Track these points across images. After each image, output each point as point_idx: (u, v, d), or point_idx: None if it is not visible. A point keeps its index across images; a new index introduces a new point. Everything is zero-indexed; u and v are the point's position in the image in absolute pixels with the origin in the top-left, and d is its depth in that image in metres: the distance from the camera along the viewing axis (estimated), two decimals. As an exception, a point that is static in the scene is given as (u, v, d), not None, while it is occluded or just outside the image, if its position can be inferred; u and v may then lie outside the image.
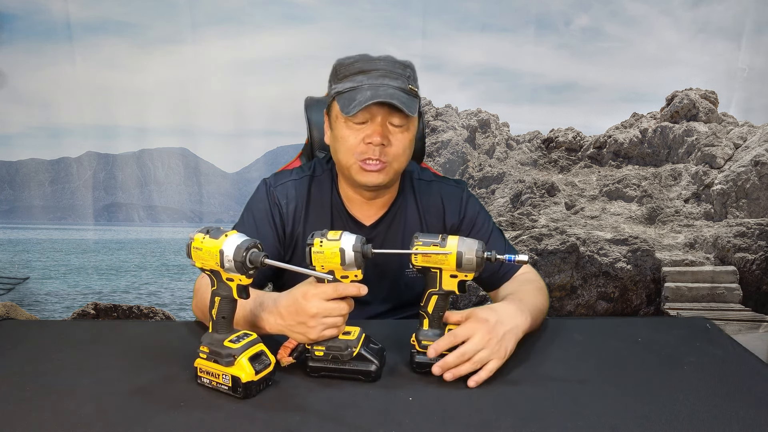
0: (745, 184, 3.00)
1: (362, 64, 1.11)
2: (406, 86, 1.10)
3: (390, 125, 1.10)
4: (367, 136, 1.09)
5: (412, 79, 1.13)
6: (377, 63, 1.11)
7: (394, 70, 1.10)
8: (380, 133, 1.08)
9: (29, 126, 2.72)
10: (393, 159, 1.12)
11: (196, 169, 2.86)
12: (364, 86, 1.07)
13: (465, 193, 1.30)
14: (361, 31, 2.61)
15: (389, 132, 1.10)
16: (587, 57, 2.78)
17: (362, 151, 1.10)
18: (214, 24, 2.57)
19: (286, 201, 1.23)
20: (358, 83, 1.08)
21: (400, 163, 1.14)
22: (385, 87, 1.07)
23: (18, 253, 2.95)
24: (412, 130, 1.14)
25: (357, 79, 1.09)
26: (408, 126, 1.12)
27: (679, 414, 0.80)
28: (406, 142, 1.12)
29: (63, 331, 1.14)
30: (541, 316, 1.12)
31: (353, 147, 1.11)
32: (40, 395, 0.85)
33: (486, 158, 3.18)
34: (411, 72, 1.13)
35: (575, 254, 3.03)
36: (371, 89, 1.06)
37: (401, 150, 1.12)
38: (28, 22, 2.54)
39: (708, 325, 1.16)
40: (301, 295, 0.89)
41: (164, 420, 0.78)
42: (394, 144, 1.10)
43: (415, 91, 1.11)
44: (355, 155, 1.11)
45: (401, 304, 1.29)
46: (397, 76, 1.10)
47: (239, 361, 0.84)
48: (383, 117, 1.09)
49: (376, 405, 0.83)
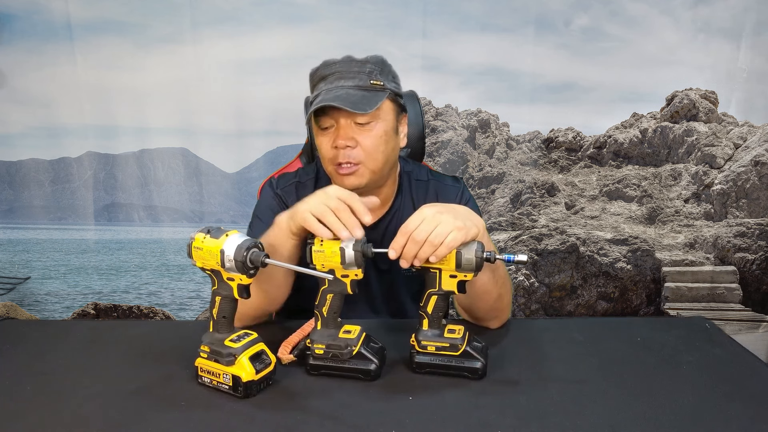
0: (745, 184, 3.00)
1: (322, 70, 1.12)
2: (366, 82, 1.09)
3: (356, 125, 1.10)
4: (332, 141, 1.10)
5: (375, 74, 1.10)
6: (334, 66, 1.11)
7: (350, 69, 1.10)
8: (342, 135, 1.09)
9: (29, 126, 2.72)
10: (365, 158, 1.11)
11: (196, 169, 2.86)
12: (322, 92, 1.09)
13: (462, 191, 1.30)
14: (361, 31, 2.62)
15: (355, 133, 1.10)
16: (587, 57, 2.78)
17: (333, 156, 1.11)
18: (214, 24, 2.57)
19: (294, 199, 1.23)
20: (319, 90, 1.10)
21: (376, 161, 1.12)
22: (336, 89, 1.07)
23: (18, 253, 2.95)
24: (381, 125, 1.11)
25: (319, 87, 1.11)
26: (375, 122, 1.11)
27: (679, 414, 0.80)
28: (376, 139, 1.11)
29: (63, 331, 1.14)
30: (503, 277, 1.10)
31: (327, 154, 1.12)
32: (40, 395, 0.85)
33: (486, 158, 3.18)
34: (372, 66, 1.11)
35: (575, 254, 3.03)
36: (325, 94, 1.07)
37: (371, 148, 1.11)
38: (28, 22, 2.54)
39: (708, 325, 1.16)
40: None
41: (164, 419, 0.78)
42: (362, 143, 1.10)
43: (380, 85, 1.10)
44: (330, 161, 1.12)
45: (398, 301, 1.29)
46: (354, 75, 1.09)
47: (240, 360, 0.84)
48: (345, 119, 1.09)
49: (376, 404, 0.83)
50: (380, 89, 1.10)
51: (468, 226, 0.87)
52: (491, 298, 1.08)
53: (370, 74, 1.10)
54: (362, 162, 1.11)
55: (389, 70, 1.15)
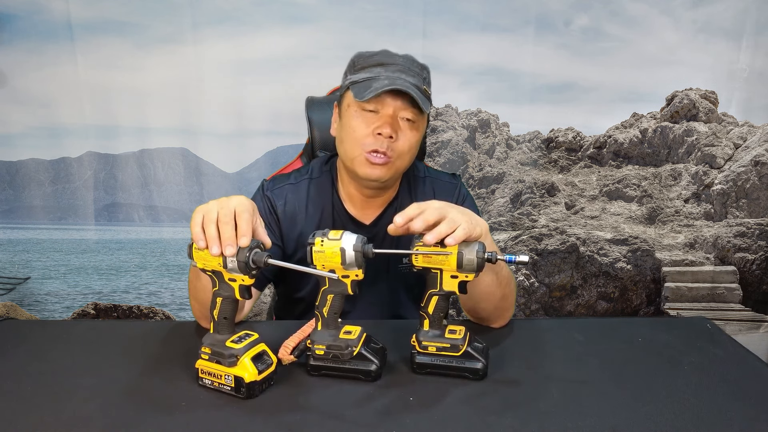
0: (745, 184, 3.00)
1: (382, 57, 1.11)
2: (421, 85, 1.10)
3: (401, 120, 1.10)
4: (377, 127, 1.08)
5: (427, 82, 1.13)
6: (397, 58, 1.11)
7: (412, 68, 1.11)
8: (390, 124, 1.08)
9: (29, 126, 2.72)
10: (398, 155, 1.11)
11: (196, 169, 2.86)
12: (381, 76, 1.08)
13: (459, 188, 1.30)
14: (361, 31, 2.61)
15: (399, 127, 1.10)
16: (587, 57, 2.78)
17: (370, 143, 1.09)
18: (214, 24, 2.57)
19: (282, 202, 1.23)
20: (375, 74, 1.09)
21: (404, 161, 1.14)
22: (402, 80, 1.07)
23: (18, 253, 2.95)
24: (421, 130, 1.14)
25: (375, 71, 1.09)
26: (418, 124, 1.12)
27: (679, 414, 0.80)
28: (413, 140, 1.12)
29: (63, 331, 1.14)
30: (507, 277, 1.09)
31: (361, 138, 1.10)
32: (40, 395, 0.85)
33: (486, 158, 3.18)
34: (427, 74, 1.15)
35: (575, 254, 3.03)
36: (389, 79, 1.07)
37: (407, 147, 1.11)
38: (28, 22, 2.54)
39: (708, 325, 1.16)
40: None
41: (165, 420, 0.78)
42: (402, 139, 1.10)
43: (428, 93, 1.12)
44: (362, 146, 1.10)
45: (396, 299, 1.29)
46: (415, 74, 1.10)
47: (242, 361, 0.84)
48: (395, 109, 1.09)
49: (377, 405, 0.83)
50: (428, 97, 1.12)
51: (474, 223, 0.88)
52: (495, 299, 1.08)
53: (425, 80, 1.12)
54: (394, 158, 1.11)
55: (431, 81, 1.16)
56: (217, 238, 0.80)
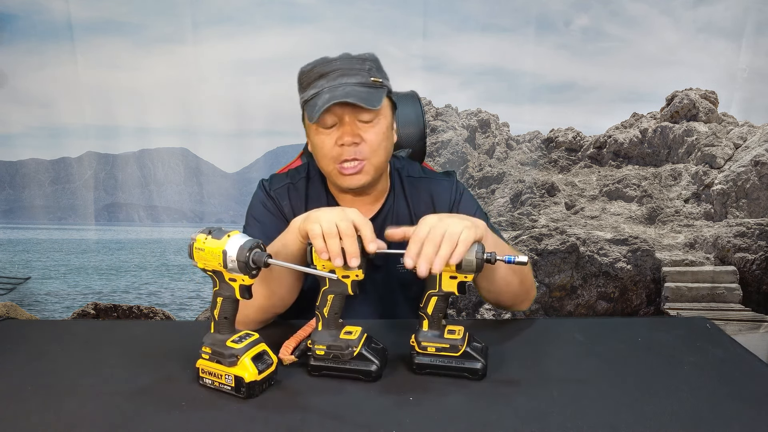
0: (745, 184, 3.00)
1: (320, 67, 1.11)
2: (367, 79, 1.09)
3: (360, 122, 1.10)
4: (338, 138, 1.09)
5: (374, 71, 1.12)
6: (334, 63, 1.11)
7: (351, 66, 1.10)
8: (349, 132, 1.09)
9: (29, 126, 2.72)
10: (370, 154, 1.11)
11: (196, 169, 2.86)
12: (324, 90, 1.08)
13: (456, 185, 1.29)
14: (361, 31, 2.61)
15: (360, 129, 1.10)
16: (587, 57, 2.78)
17: (338, 155, 1.10)
18: (214, 24, 2.57)
19: (287, 202, 1.23)
20: (319, 88, 1.09)
21: (379, 157, 1.13)
22: (342, 86, 1.07)
23: (18, 253, 2.95)
24: (384, 122, 1.13)
25: (318, 84, 1.10)
26: (378, 119, 1.12)
27: (679, 414, 0.80)
28: (380, 135, 1.12)
29: (63, 331, 1.14)
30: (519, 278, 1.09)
31: (329, 152, 1.11)
32: (40, 395, 0.85)
33: (486, 158, 3.18)
34: (372, 63, 1.12)
35: (575, 254, 3.03)
36: (330, 91, 1.07)
37: (376, 144, 1.12)
38: (28, 22, 2.54)
39: (708, 325, 1.15)
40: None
41: (165, 420, 0.78)
42: (367, 140, 1.10)
43: (379, 82, 1.11)
44: (333, 159, 1.11)
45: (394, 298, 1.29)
46: (356, 72, 1.09)
47: (242, 361, 0.84)
48: (350, 116, 1.09)
49: (377, 405, 0.83)
50: (380, 86, 1.11)
51: (475, 224, 0.88)
52: (515, 286, 1.09)
53: (370, 71, 1.11)
54: (367, 158, 1.11)
55: (382, 67, 1.16)
56: (340, 251, 0.86)
